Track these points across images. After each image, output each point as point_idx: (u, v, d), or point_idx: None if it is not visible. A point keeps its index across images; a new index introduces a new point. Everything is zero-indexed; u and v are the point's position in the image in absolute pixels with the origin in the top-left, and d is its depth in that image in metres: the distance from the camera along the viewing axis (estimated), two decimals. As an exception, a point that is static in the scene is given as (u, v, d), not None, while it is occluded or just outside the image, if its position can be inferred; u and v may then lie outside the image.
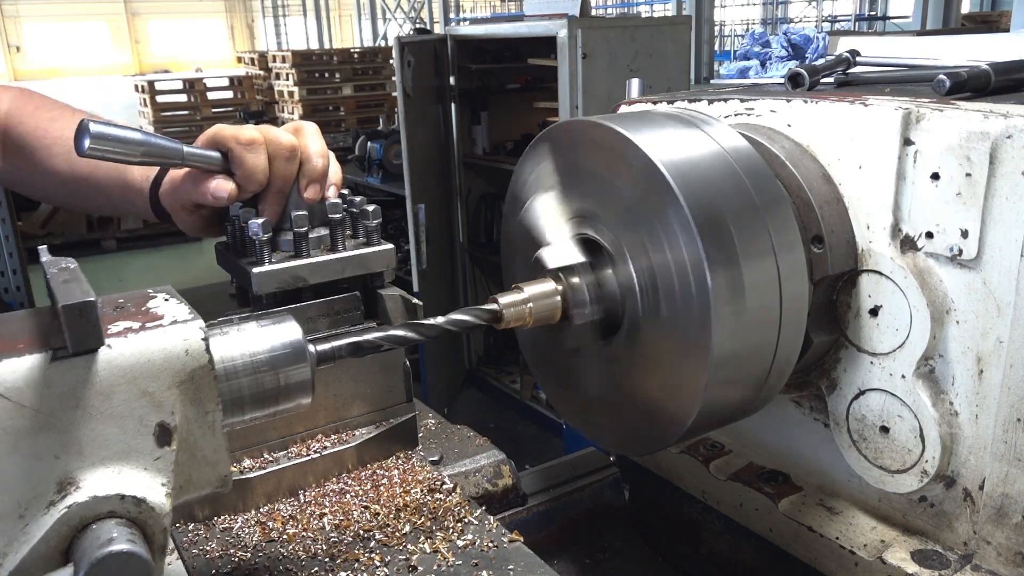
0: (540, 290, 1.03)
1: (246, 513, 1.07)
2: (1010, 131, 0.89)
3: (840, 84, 1.27)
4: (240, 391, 0.80)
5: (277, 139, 1.11)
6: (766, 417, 1.21)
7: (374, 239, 1.13)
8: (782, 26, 19.14)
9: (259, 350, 0.81)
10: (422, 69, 5.10)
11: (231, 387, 0.79)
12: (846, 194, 1.06)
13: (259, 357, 0.81)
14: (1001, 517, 0.98)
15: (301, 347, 0.83)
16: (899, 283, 1.01)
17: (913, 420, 1.02)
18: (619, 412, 1.06)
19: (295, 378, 0.82)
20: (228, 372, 0.79)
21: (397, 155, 5.93)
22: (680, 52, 4.63)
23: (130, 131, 1.05)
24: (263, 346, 0.81)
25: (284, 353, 0.82)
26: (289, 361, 0.82)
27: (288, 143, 1.11)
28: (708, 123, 1.00)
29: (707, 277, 0.86)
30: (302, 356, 0.83)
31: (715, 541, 1.31)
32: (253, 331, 0.82)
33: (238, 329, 0.82)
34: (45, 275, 0.74)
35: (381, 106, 10.18)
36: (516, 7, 20.63)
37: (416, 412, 1.22)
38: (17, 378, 0.65)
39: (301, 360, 0.83)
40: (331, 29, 24.04)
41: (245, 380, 0.80)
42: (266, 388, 0.81)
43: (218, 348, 0.79)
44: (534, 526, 1.31)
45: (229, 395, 0.79)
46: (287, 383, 0.82)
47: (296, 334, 0.83)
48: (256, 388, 0.80)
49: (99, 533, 0.67)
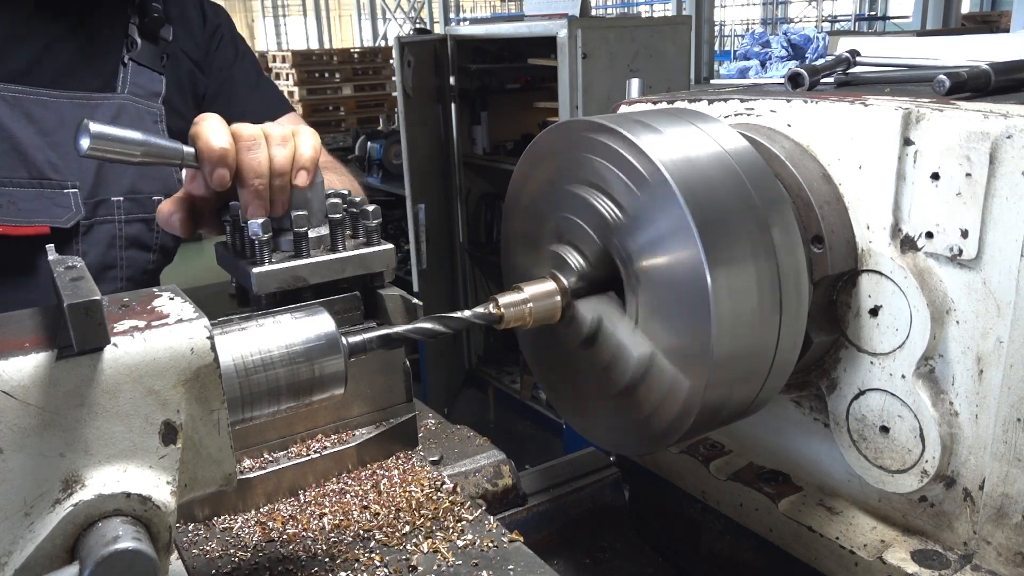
0: (540, 290, 1.03)
1: (246, 513, 1.07)
2: (1010, 131, 0.89)
3: (840, 84, 1.27)
4: (277, 381, 0.81)
5: (238, 129, 1.11)
6: (766, 417, 1.22)
7: (374, 239, 1.13)
8: (782, 26, 19.12)
9: (295, 341, 0.83)
10: (422, 69, 5.11)
11: (268, 377, 0.81)
12: (846, 194, 1.06)
13: (295, 348, 0.83)
14: (1001, 517, 0.98)
15: (335, 339, 0.85)
16: (899, 283, 1.01)
17: (913, 420, 1.03)
18: (619, 412, 1.07)
19: (329, 369, 0.85)
20: (265, 362, 0.81)
21: (397, 155, 5.93)
22: (680, 52, 4.64)
23: (130, 131, 1.05)
24: (299, 337, 0.84)
25: (319, 345, 0.84)
26: (324, 352, 0.84)
27: (249, 132, 1.11)
28: (708, 123, 1.00)
29: (707, 277, 0.86)
30: (336, 348, 0.85)
31: (715, 541, 1.31)
32: (289, 323, 0.84)
33: (274, 321, 0.84)
34: (51, 274, 0.74)
35: (381, 106, 10.16)
36: (516, 7, 20.62)
37: (416, 412, 1.22)
38: (23, 376, 0.66)
39: (335, 352, 0.85)
40: (331, 29, 24.02)
41: (282, 371, 0.82)
42: (302, 379, 0.83)
43: (255, 339, 0.81)
44: (534, 526, 1.31)
45: (266, 385, 0.81)
46: (321, 374, 0.84)
47: (330, 326, 0.86)
48: (292, 379, 0.82)
49: (105, 531, 0.67)
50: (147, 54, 1.68)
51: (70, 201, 1.57)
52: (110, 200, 1.63)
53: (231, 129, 1.11)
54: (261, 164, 1.09)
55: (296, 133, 1.15)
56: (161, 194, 1.70)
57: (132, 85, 1.65)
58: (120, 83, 1.64)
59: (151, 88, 1.68)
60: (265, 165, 1.10)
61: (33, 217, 1.53)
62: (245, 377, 0.80)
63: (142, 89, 1.67)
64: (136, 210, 1.67)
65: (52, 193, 1.55)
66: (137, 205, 1.67)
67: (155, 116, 1.68)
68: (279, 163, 1.10)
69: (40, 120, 1.55)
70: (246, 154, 1.09)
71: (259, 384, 0.80)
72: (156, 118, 1.68)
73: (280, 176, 1.10)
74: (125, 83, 1.65)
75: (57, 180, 1.56)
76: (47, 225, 1.54)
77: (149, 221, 1.70)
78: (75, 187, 1.57)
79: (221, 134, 1.08)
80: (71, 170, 1.56)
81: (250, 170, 1.09)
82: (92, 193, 1.60)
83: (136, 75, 1.66)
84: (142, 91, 1.67)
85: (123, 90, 1.64)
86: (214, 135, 1.08)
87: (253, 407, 0.81)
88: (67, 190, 1.57)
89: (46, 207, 1.54)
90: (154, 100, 1.68)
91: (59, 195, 1.56)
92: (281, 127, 1.14)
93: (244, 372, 0.80)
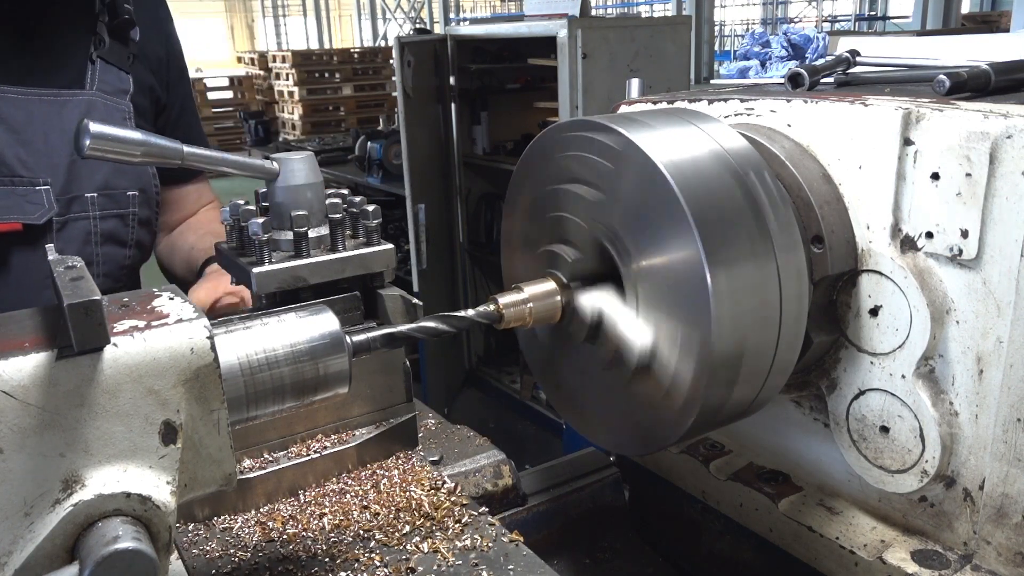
0: (540, 290, 1.03)
1: (246, 513, 1.07)
2: (1010, 131, 0.89)
3: (840, 84, 1.27)
4: (282, 380, 0.82)
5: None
6: (766, 417, 1.22)
7: (374, 239, 1.13)
8: (782, 26, 19.13)
9: (299, 340, 0.83)
10: (422, 69, 5.10)
11: (272, 376, 0.81)
12: (846, 194, 1.06)
13: (299, 347, 0.83)
14: (1001, 517, 0.98)
15: (339, 338, 0.86)
16: (899, 283, 1.01)
17: (913, 420, 1.03)
18: (618, 412, 1.07)
19: (333, 368, 0.85)
20: (270, 361, 0.81)
21: (397, 155, 5.93)
22: (680, 52, 4.63)
23: (130, 131, 1.05)
24: (303, 336, 0.84)
25: (323, 343, 0.84)
26: (328, 351, 0.84)
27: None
28: (708, 123, 1.00)
29: (707, 277, 0.86)
30: (340, 347, 0.85)
31: (715, 541, 1.31)
32: (293, 321, 0.84)
33: (279, 319, 0.84)
34: (51, 274, 0.74)
35: (381, 106, 10.18)
36: (516, 7, 20.62)
37: (416, 412, 1.22)
38: (23, 376, 0.66)
39: (339, 350, 0.85)
40: (331, 29, 24.02)
41: (286, 369, 0.82)
42: (306, 377, 0.83)
43: (259, 338, 0.81)
44: (534, 526, 1.31)
45: (271, 383, 0.81)
46: (326, 373, 0.85)
47: (334, 325, 0.86)
48: (297, 377, 0.83)
49: (104, 531, 0.67)
50: (115, 53, 1.69)
51: (42, 198, 1.56)
52: (83, 196, 1.63)
53: None
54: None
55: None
56: (135, 189, 1.71)
57: (100, 82, 1.66)
58: (88, 80, 1.64)
59: (119, 86, 1.69)
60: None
61: (5, 214, 1.53)
62: (250, 376, 0.80)
63: (110, 86, 1.67)
64: (110, 206, 1.67)
65: (24, 190, 1.55)
66: (111, 201, 1.67)
67: (124, 113, 1.68)
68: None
69: (8, 117, 1.55)
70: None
71: (263, 383, 0.81)
72: (125, 115, 1.68)
73: None
74: (94, 80, 1.65)
75: (28, 177, 1.55)
76: (19, 222, 1.53)
77: (124, 216, 1.70)
78: (47, 184, 1.57)
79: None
80: (41, 166, 1.56)
81: None
82: (65, 189, 1.60)
83: (104, 72, 1.67)
84: (110, 88, 1.67)
85: (92, 87, 1.64)
86: None
87: (258, 406, 0.81)
88: (39, 187, 1.56)
89: (18, 204, 1.53)
90: (122, 97, 1.69)
91: (31, 192, 1.55)
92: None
93: (249, 371, 0.80)
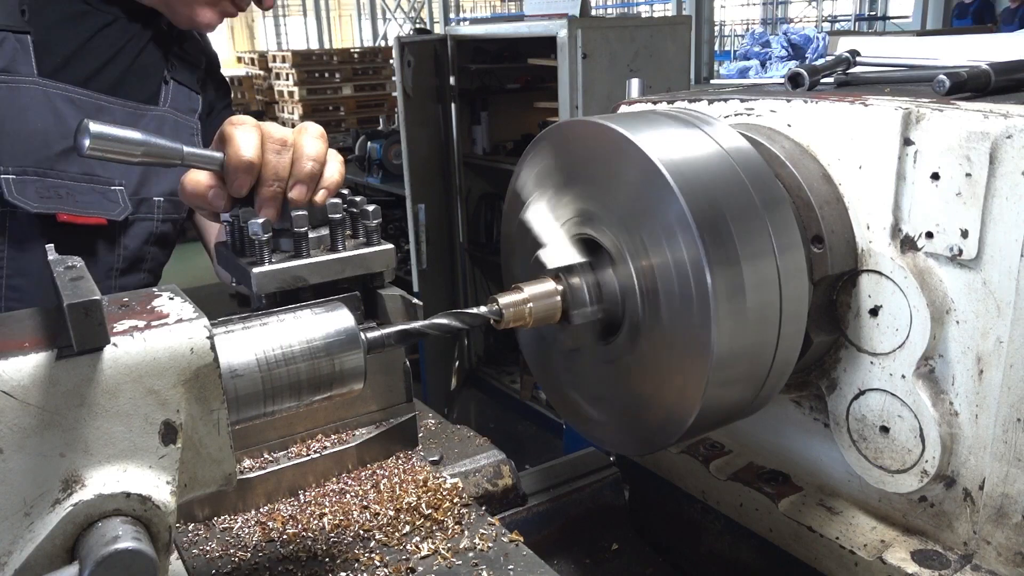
0: (540, 290, 1.03)
1: (246, 513, 1.07)
2: (1010, 131, 0.89)
3: (840, 84, 1.27)
4: (298, 376, 0.82)
5: (269, 131, 1.12)
6: (766, 417, 1.22)
7: (374, 239, 1.13)
8: (782, 26, 19.12)
9: (315, 336, 0.84)
10: (422, 69, 5.11)
11: (289, 372, 0.81)
12: (846, 194, 1.06)
13: (315, 343, 0.83)
14: (1001, 517, 0.98)
15: (355, 334, 0.86)
16: (899, 283, 1.01)
17: (913, 420, 1.03)
18: (619, 412, 1.07)
19: (349, 364, 0.85)
20: (287, 357, 0.81)
21: (397, 155, 5.94)
22: (680, 52, 4.63)
23: (130, 131, 1.05)
24: (319, 332, 0.84)
25: (339, 340, 0.85)
26: (343, 347, 0.85)
27: (280, 135, 1.12)
28: (708, 123, 1.00)
29: (707, 277, 0.86)
30: (355, 343, 0.86)
31: (715, 541, 1.31)
32: (309, 318, 0.85)
33: (295, 316, 0.85)
34: (51, 273, 0.74)
35: (381, 106, 10.17)
36: (516, 7, 20.61)
37: (416, 412, 1.22)
38: (23, 376, 0.66)
39: (355, 347, 0.86)
40: (331, 29, 24.01)
41: (303, 365, 0.82)
42: (322, 373, 0.83)
43: (276, 334, 0.82)
44: (534, 526, 1.31)
45: (288, 379, 0.81)
46: (341, 369, 0.85)
47: (349, 321, 0.86)
48: (313, 373, 0.83)
49: (104, 531, 0.67)
50: (186, 75, 1.83)
51: (118, 197, 1.67)
52: (151, 199, 1.74)
53: (263, 129, 1.12)
54: (283, 168, 1.11)
55: (330, 155, 1.17)
56: None
57: (172, 100, 1.78)
58: (162, 98, 1.77)
59: (189, 105, 1.82)
60: (286, 170, 1.11)
61: (90, 209, 1.63)
62: (267, 371, 0.80)
63: (181, 105, 1.80)
64: (171, 211, 1.78)
65: (103, 189, 1.66)
66: (172, 206, 1.78)
67: (192, 130, 1.80)
68: (305, 173, 1.11)
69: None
70: (271, 155, 1.10)
71: (280, 378, 0.81)
72: (193, 131, 1.81)
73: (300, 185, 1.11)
74: (167, 98, 1.77)
75: (105, 177, 1.65)
76: (103, 217, 1.64)
77: (176, 222, 1.82)
78: (121, 185, 1.68)
79: (252, 144, 1.10)
80: (117, 169, 1.66)
81: (272, 172, 1.10)
82: (136, 191, 1.71)
83: (176, 92, 1.79)
84: (182, 107, 1.80)
85: (165, 104, 1.77)
86: (245, 144, 1.09)
87: (275, 401, 0.82)
88: (114, 187, 1.67)
89: (99, 201, 1.64)
90: (192, 116, 1.81)
91: (108, 191, 1.66)
92: (315, 144, 1.15)
93: (267, 367, 0.80)
